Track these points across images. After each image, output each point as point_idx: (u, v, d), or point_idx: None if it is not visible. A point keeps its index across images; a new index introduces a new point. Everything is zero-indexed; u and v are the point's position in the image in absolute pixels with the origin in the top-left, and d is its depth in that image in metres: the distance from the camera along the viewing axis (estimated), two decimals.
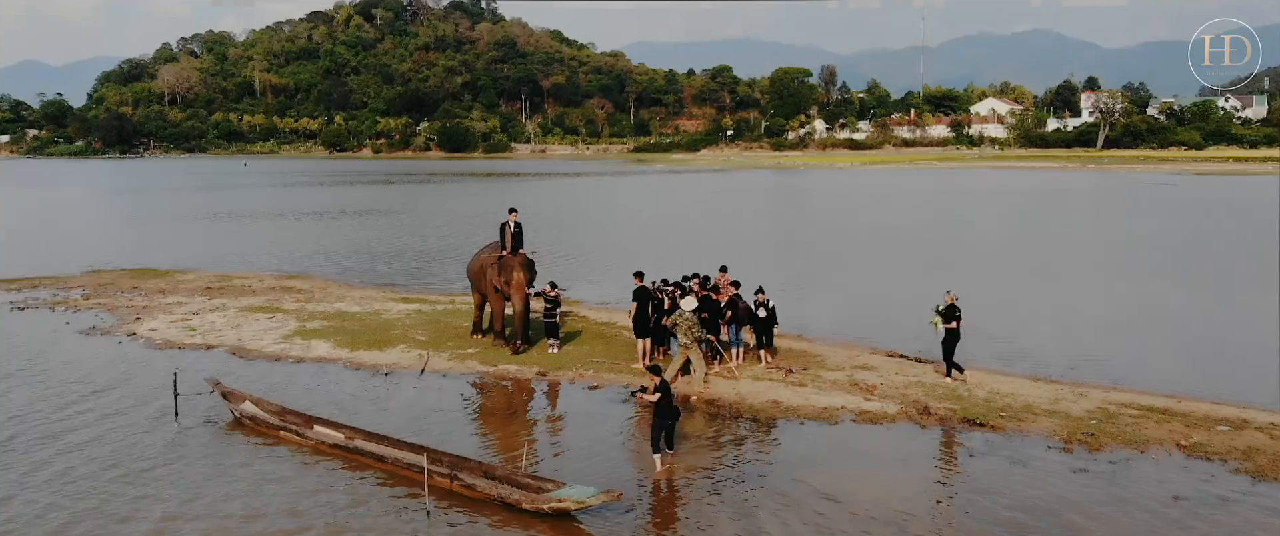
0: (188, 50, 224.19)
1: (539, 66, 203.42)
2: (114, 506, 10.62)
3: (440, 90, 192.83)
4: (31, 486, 11.20)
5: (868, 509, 10.71)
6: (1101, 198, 63.05)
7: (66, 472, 11.63)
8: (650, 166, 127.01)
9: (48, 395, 15.03)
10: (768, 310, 16.12)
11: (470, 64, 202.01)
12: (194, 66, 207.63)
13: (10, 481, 11.37)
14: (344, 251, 34.91)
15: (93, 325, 20.26)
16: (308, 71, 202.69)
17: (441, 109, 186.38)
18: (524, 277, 17.07)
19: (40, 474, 11.59)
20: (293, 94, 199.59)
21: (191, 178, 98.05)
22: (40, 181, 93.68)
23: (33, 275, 27.56)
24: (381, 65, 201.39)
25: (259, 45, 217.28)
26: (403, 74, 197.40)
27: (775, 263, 31.48)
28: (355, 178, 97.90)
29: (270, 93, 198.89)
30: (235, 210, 55.60)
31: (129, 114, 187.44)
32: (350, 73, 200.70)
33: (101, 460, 12.05)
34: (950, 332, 15.48)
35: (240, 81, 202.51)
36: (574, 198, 68.53)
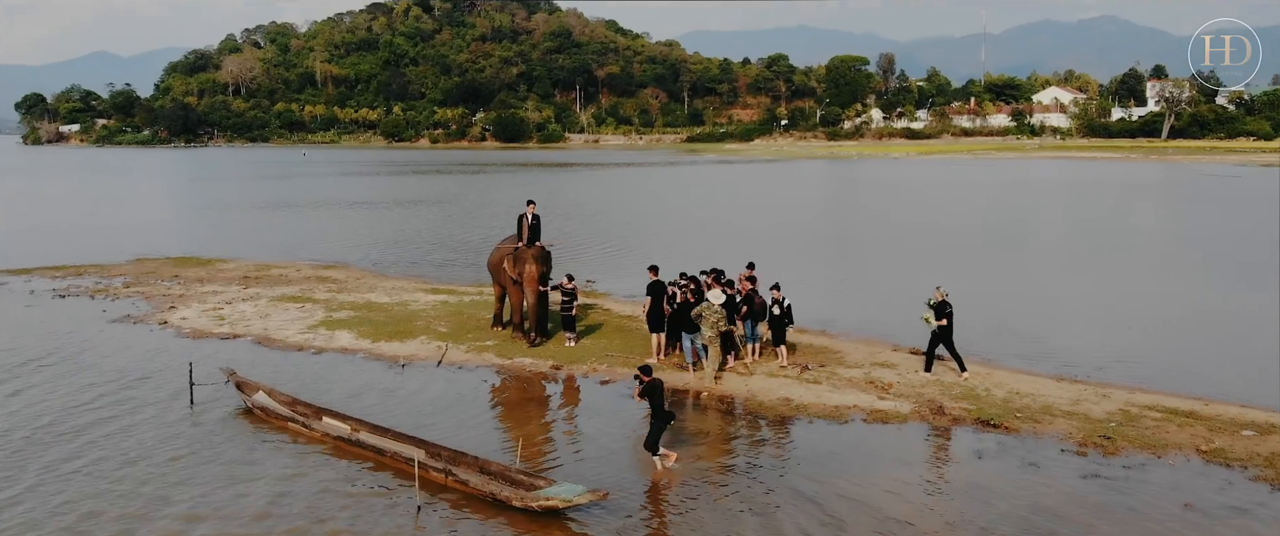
0: (251, 41, 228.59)
1: (594, 56, 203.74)
2: (113, 494, 10.82)
3: (496, 81, 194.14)
4: (33, 472, 11.46)
5: (861, 510, 10.50)
6: (1159, 190, 61.35)
7: (76, 459, 11.87)
8: (701, 156, 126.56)
9: (72, 383, 15.37)
10: (782, 308, 15.89)
11: (526, 54, 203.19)
12: (257, 57, 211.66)
13: (15, 466, 11.65)
14: (385, 241, 35.30)
15: (127, 313, 20.72)
16: (367, 62, 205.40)
17: (497, 99, 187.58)
18: (536, 270, 17.06)
19: (48, 459, 11.84)
20: (353, 85, 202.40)
21: (250, 167, 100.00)
22: (104, 169, 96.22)
23: (80, 263, 28.30)
24: (439, 56, 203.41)
25: (320, 36, 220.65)
26: (460, 65, 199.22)
27: (811, 255, 31.18)
28: (410, 168, 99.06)
29: (331, 83, 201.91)
30: (288, 200, 56.57)
31: (194, 104, 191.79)
32: (409, 63, 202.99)
33: (112, 447, 12.29)
34: (942, 328, 15.33)
35: (302, 72, 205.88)
36: (619, 188, 68.53)
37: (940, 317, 15.32)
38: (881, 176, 79.24)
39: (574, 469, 11.73)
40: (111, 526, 10.04)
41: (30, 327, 19.64)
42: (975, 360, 16.70)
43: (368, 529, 9.96)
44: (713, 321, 14.90)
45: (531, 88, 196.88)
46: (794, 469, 11.76)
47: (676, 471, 11.50)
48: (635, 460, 11.97)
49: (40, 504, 10.56)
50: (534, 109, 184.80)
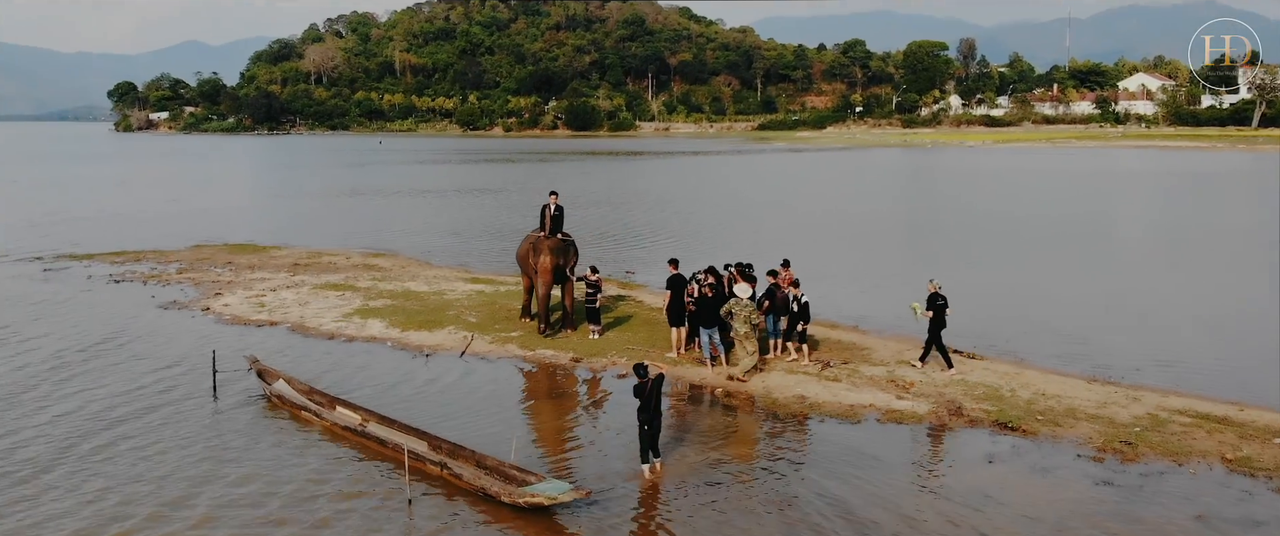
0: (333, 30, 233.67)
1: (666, 44, 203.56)
2: (118, 477, 11.15)
3: (569, 69, 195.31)
4: (37, 453, 11.87)
5: (851, 514, 10.28)
6: (1240, 181, 58.85)
7: (87, 441, 12.26)
8: (770, 145, 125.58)
9: (106, 368, 15.89)
10: (799, 305, 15.64)
11: (599, 42, 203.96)
12: (338, 46, 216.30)
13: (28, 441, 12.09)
14: (440, 230, 35.78)
15: (174, 299, 21.35)
16: (445, 52, 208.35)
17: (569, 88, 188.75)
18: (550, 261, 17.09)
19: (59, 442, 12.27)
20: (430, 74, 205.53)
21: (327, 155, 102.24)
22: (189, 156, 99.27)
23: (141, 248, 29.27)
24: (514, 45, 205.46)
25: (400, 26, 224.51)
26: (534, 53, 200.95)
27: (861, 248, 30.71)
28: (480, 156, 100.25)
29: (409, 72, 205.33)
30: (356, 187, 57.71)
31: (277, 92, 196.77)
32: (484, 53, 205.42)
33: (128, 430, 12.66)
34: (933, 321, 15.16)
35: (381, 61, 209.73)
36: (683, 177, 68.33)
37: (930, 309, 15.20)
38: (950, 165, 77.62)
39: (572, 464, 11.74)
40: (99, 509, 10.31)
41: (77, 311, 20.40)
42: (1007, 359, 16.33)
43: (357, 521, 10.06)
44: (745, 317, 14.71)
45: (604, 76, 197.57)
46: (794, 469, 11.58)
47: (668, 471, 11.37)
48: (635, 456, 11.85)
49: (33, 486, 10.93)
50: (605, 97, 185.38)
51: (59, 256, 27.90)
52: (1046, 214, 40.47)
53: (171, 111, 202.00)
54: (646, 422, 11.06)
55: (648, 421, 11.06)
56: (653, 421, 11.10)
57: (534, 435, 12.82)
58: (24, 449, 12.08)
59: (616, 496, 10.70)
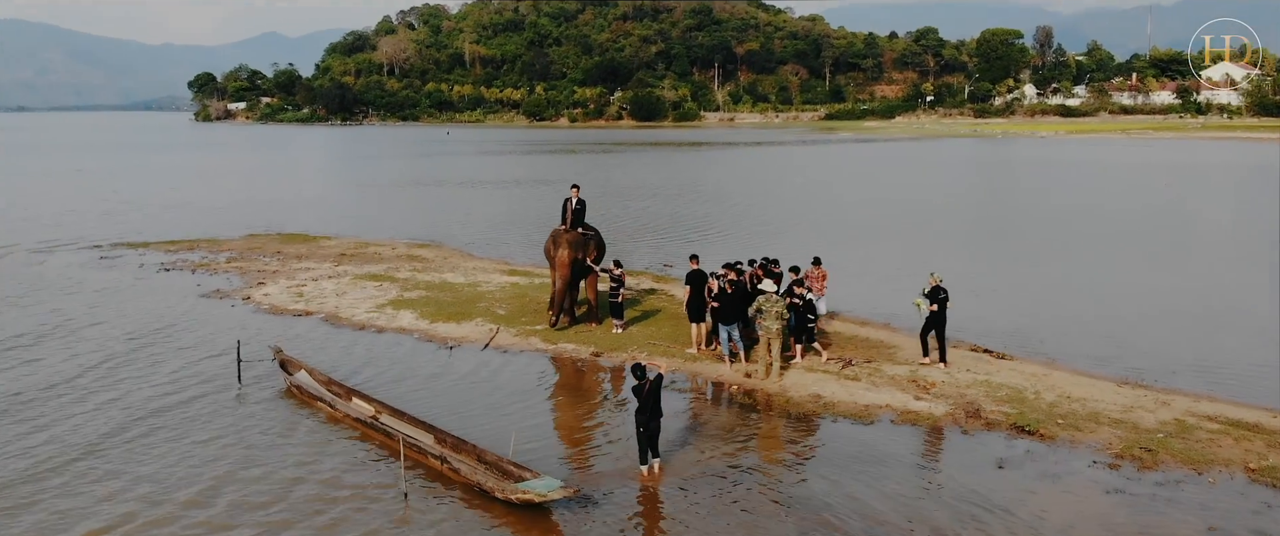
0: (406, 23, 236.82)
1: (733, 33, 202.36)
2: (123, 462, 11.47)
3: (635, 59, 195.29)
4: (46, 434, 12.25)
5: (843, 518, 10.11)
6: None
7: (97, 426, 12.64)
8: (836, 135, 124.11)
9: (140, 353, 16.38)
10: (803, 302, 15.37)
11: (666, 32, 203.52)
12: (410, 38, 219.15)
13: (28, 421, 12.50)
14: (489, 221, 36.12)
15: (218, 288, 21.90)
16: (513, 43, 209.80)
17: (635, 78, 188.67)
18: (567, 254, 17.12)
19: (72, 425, 12.65)
20: (499, 65, 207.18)
21: (395, 145, 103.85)
22: (261, 146, 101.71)
23: (197, 237, 30.11)
24: (581, 36, 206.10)
25: (470, 17, 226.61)
26: (601, 44, 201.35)
27: (906, 242, 30.18)
28: (544, 147, 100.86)
29: (479, 64, 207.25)
30: (419, 178, 58.53)
31: (351, 83, 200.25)
32: (552, 44, 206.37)
33: (147, 420, 13.00)
34: (933, 314, 15.01)
35: (452, 53, 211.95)
36: (742, 168, 67.89)
37: (933, 303, 15.03)
38: (1018, 156, 75.90)
39: (574, 460, 11.74)
40: (100, 491, 10.61)
41: (122, 299, 21.06)
42: (1038, 360, 15.93)
43: (349, 511, 10.18)
44: (776, 313, 14.50)
45: (669, 66, 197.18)
46: (796, 471, 11.45)
47: (670, 469, 11.32)
48: (632, 454, 11.78)
49: (45, 467, 11.28)
50: (670, 88, 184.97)
51: (117, 244, 28.81)
52: (1109, 207, 39.33)
53: (249, 102, 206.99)
54: (644, 424, 10.94)
55: (645, 422, 10.93)
56: (651, 422, 10.97)
57: (543, 430, 12.83)
58: (44, 433, 12.50)
59: (612, 495, 10.67)
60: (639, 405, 10.95)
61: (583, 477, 11.08)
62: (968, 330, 17.71)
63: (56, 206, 41.28)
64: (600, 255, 18.00)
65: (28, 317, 19.29)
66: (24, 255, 27.01)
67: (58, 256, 26.82)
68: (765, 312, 14.40)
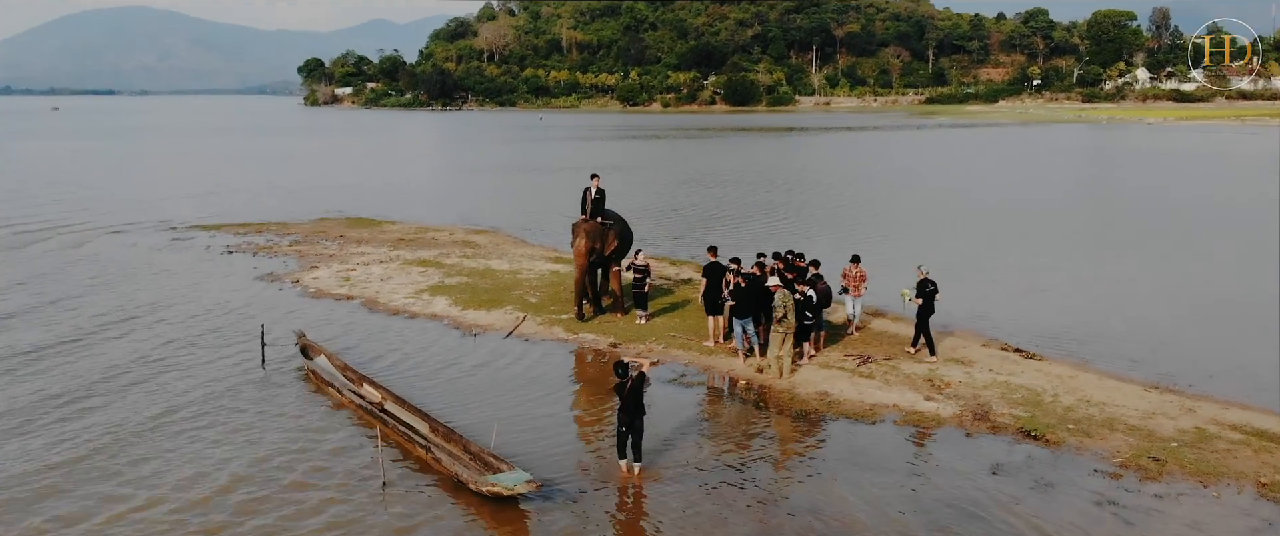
0: (506, 9, 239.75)
1: (833, 15, 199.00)
2: (128, 442, 11.96)
3: (730, 43, 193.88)
4: (57, 416, 12.84)
5: (816, 520, 9.92)
6: None
7: (113, 407, 13.20)
8: (933, 120, 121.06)
9: (178, 332, 17.06)
10: (804, 298, 15.02)
11: (763, 15, 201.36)
12: (510, 25, 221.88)
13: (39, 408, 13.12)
14: (553, 207, 36.31)
15: (272, 271, 22.63)
16: (610, 28, 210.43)
17: (729, 62, 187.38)
18: (584, 244, 17.12)
19: (80, 409, 13.24)
20: (595, 50, 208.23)
21: (489, 131, 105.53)
22: (354, 131, 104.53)
23: (267, 220, 31.18)
24: (677, 20, 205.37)
25: (568, 3, 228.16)
26: (696, 28, 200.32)
27: (973, 236, 29.37)
28: (632, 132, 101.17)
29: (575, 49, 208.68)
30: (502, 164, 59.46)
31: (452, 69, 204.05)
32: (648, 29, 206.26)
33: (164, 400, 13.53)
34: (922, 307, 15.06)
35: (550, 39, 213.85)
36: (825, 155, 66.96)
37: (920, 295, 15.09)
38: (1120, 144, 72.86)
39: (557, 453, 11.67)
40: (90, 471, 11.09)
41: (176, 279, 22.03)
42: (1069, 360, 15.39)
43: (328, 499, 10.31)
44: (792, 308, 14.24)
45: (766, 49, 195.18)
46: (781, 470, 11.27)
47: (654, 463, 11.26)
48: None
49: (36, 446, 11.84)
50: (765, 71, 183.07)
51: (193, 226, 30.06)
52: (1202, 198, 37.45)
53: (354, 87, 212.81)
54: (626, 423, 10.84)
55: (627, 421, 10.83)
56: (634, 421, 10.85)
57: (538, 421, 12.83)
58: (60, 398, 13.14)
59: (587, 490, 10.62)
60: (620, 404, 10.87)
61: (564, 471, 11.09)
62: (1007, 329, 17.26)
63: (152, 189, 43.31)
64: (623, 245, 17.92)
65: (78, 295, 20.33)
66: (104, 236, 28.39)
67: (133, 237, 28.11)
68: (786, 310, 14.14)
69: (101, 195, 40.35)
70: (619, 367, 10.94)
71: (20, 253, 25.80)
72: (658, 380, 14.64)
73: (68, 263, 24.31)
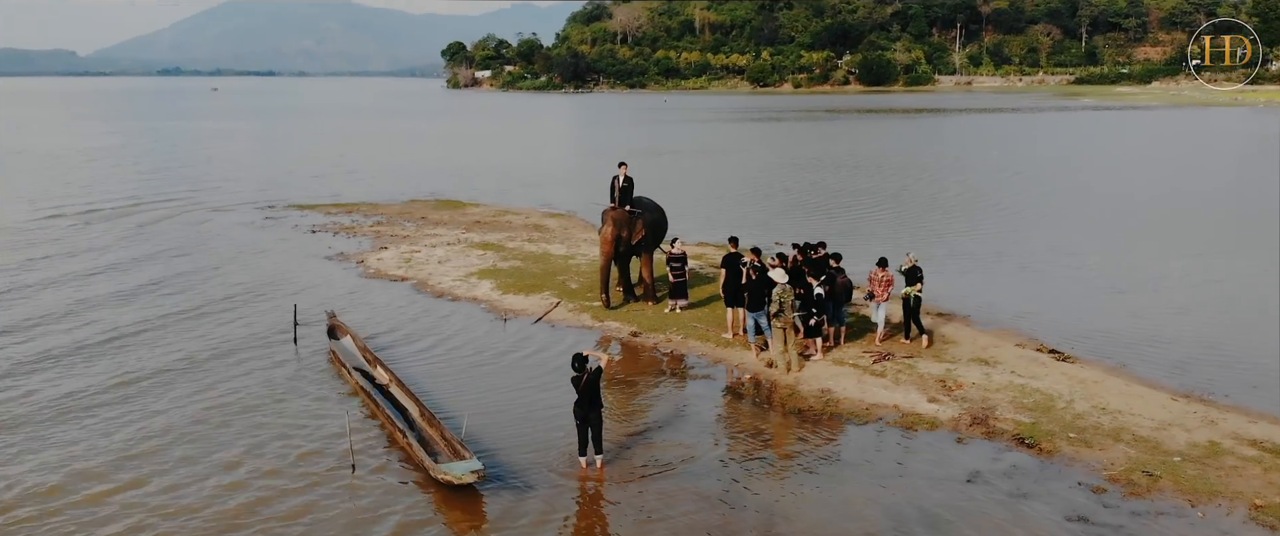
0: None
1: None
2: (133, 418, 12.73)
3: (867, 21, 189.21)
4: (76, 387, 13.72)
5: (762, 521, 9.78)
6: None
7: (135, 379, 14.03)
8: (1077, 101, 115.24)
9: (230, 307, 18.10)
10: (804, 293, 14.62)
11: None
12: (644, 7, 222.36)
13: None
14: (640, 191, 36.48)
15: (343, 251, 23.56)
16: (743, 8, 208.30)
17: (866, 41, 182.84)
18: (611, 232, 17.16)
19: (101, 380, 14.13)
20: (728, 31, 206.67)
21: (612, 113, 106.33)
22: (483, 113, 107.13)
23: (358, 201, 32.44)
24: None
25: None
26: (833, 6, 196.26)
27: (1071, 232, 28.05)
28: (752, 114, 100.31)
29: (708, 30, 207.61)
30: (608, 146, 59.80)
31: (586, 52, 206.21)
32: (783, 8, 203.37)
33: (186, 370, 14.37)
34: (909, 295, 15.00)
35: (682, 20, 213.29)
36: (948, 138, 64.79)
37: (910, 283, 15.05)
38: (1272, 130, 67.63)
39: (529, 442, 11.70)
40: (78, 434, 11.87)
41: (247, 256, 23.25)
42: (1105, 364, 14.61)
43: (297, 481, 10.62)
44: (790, 304, 14.05)
45: (905, 27, 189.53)
46: (749, 468, 11.07)
47: (621, 455, 11.28)
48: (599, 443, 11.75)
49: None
50: (903, 50, 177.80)
51: (289, 205, 31.56)
52: None
53: (493, 70, 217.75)
54: (582, 416, 10.80)
55: (583, 414, 10.79)
56: (591, 414, 10.81)
57: (532, 408, 12.92)
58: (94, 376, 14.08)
59: (545, 481, 10.66)
60: (577, 397, 10.83)
61: (535, 461, 11.14)
62: (1057, 329, 16.49)
63: (273, 167, 45.63)
64: (652, 234, 17.85)
65: (155, 268, 21.82)
66: (205, 213, 30.17)
67: (228, 215, 29.73)
68: (784, 303, 13.91)
69: (224, 174, 42.73)
70: (576, 360, 10.89)
71: (113, 224, 27.66)
72: (660, 371, 14.67)
73: (153, 236, 26.03)
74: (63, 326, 16.87)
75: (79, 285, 20.20)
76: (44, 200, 32.80)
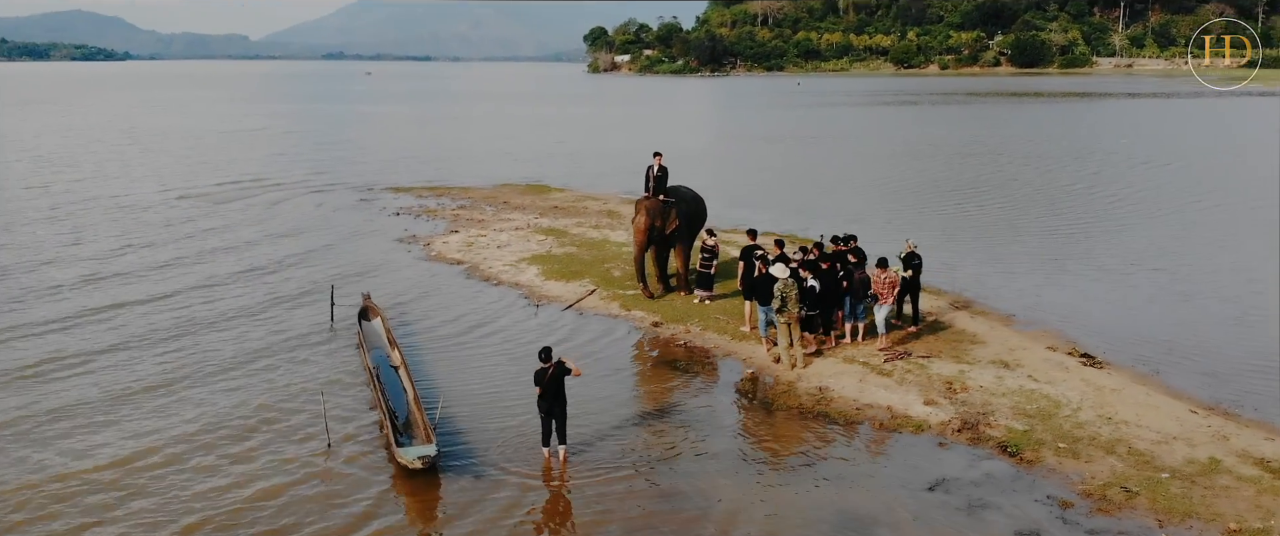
0: None
1: None
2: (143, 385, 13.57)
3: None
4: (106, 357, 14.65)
5: (701, 517, 9.72)
6: None
7: (162, 351, 14.92)
8: (1241, 87, 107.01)
9: (281, 282, 19.10)
10: (803, 288, 14.18)
11: None
12: None
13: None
14: (736, 180, 36.31)
15: (415, 234, 24.30)
16: None
17: (1020, 20, 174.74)
18: (645, 222, 17.13)
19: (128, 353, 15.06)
20: (872, 11, 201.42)
21: (742, 97, 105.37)
22: (613, 98, 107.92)
23: (451, 185, 33.44)
24: None
25: None
26: None
27: (1166, 229, 26.43)
28: (888, 97, 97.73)
29: (852, 10, 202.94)
30: (724, 131, 59.57)
31: (724, 35, 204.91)
32: None
33: (209, 344, 15.22)
34: (907, 281, 15.01)
35: (825, 0, 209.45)
36: (1078, 124, 61.51)
37: (907, 269, 15.07)
38: None
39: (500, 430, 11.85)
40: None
41: (318, 234, 24.43)
42: (1132, 371, 13.81)
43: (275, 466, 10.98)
44: (795, 297, 13.83)
45: (1063, 6, 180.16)
46: (712, 466, 10.97)
47: (584, 451, 11.24)
48: (569, 435, 11.85)
49: None
50: (1059, 30, 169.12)
51: (386, 188, 32.78)
52: None
53: (632, 54, 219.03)
54: (545, 410, 10.85)
55: (546, 408, 10.84)
56: (553, 409, 10.84)
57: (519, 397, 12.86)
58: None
59: (506, 470, 10.79)
60: (540, 391, 10.83)
61: (507, 449, 11.31)
62: (1103, 333, 15.61)
63: (392, 150, 47.36)
64: (687, 224, 17.73)
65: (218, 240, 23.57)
66: (305, 194, 31.64)
67: (328, 197, 31.04)
68: (787, 298, 13.65)
69: (349, 156, 44.58)
70: (542, 353, 10.92)
71: (222, 206, 29.21)
72: (669, 363, 14.66)
73: (245, 216, 27.37)
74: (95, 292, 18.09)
75: (141, 258, 21.62)
76: (173, 180, 35.03)
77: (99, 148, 47.44)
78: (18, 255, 21.80)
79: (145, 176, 36.04)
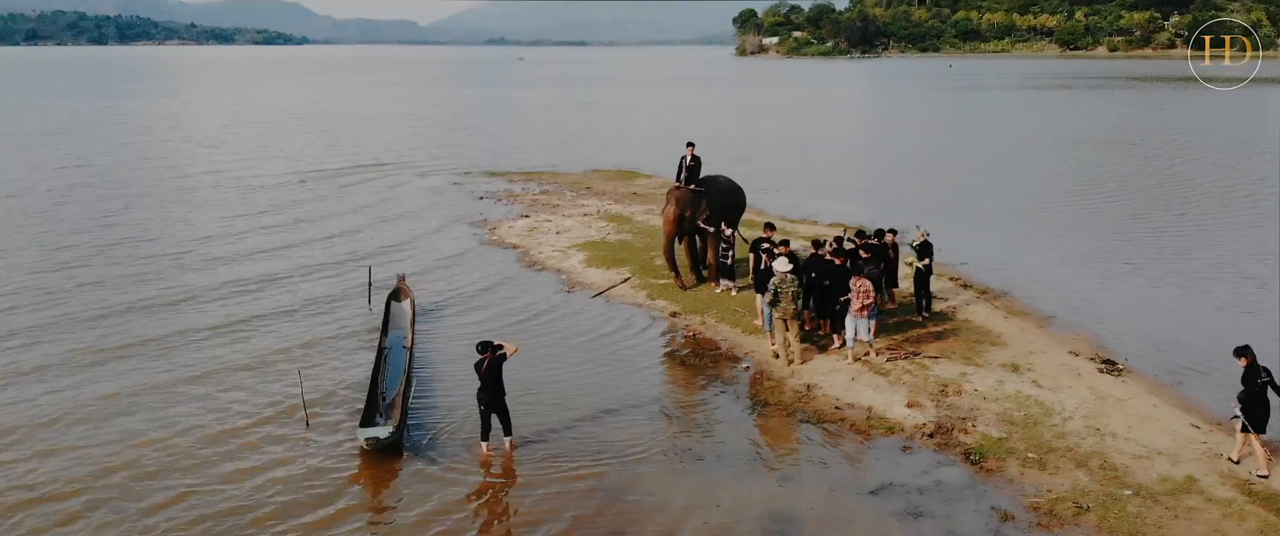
0: None
1: None
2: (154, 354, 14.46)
3: None
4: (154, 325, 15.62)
5: (632, 511, 9.74)
6: None
7: (195, 322, 15.78)
8: None
9: (337, 262, 19.99)
10: (802, 285, 13.74)
11: None
12: None
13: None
14: (826, 172, 35.60)
15: (486, 218, 24.88)
16: None
17: (1198, 0, 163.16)
18: (674, 211, 17.05)
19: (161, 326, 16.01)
20: None
21: (887, 79, 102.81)
22: (750, 81, 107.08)
23: (545, 169, 34.13)
24: None
25: None
26: None
27: None
28: (1038, 81, 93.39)
29: None
30: (857, 116, 58.27)
31: (878, 16, 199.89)
32: None
33: (243, 316, 16.06)
34: (920, 270, 14.99)
35: None
36: (1250, 113, 57.13)
37: (922, 258, 14.96)
38: None
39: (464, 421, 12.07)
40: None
41: (393, 220, 25.09)
42: (1151, 380, 12.93)
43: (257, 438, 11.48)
44: (793, 294, 13.59)
45: None
46: (661, 463, 10.87)
47: (507, 453, 11.09)
48: (523, 422, 11.98)
49: None
50: (1242, 11, 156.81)
51: (482, 172, 33.68)
52: None
53: (781, 36, 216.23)
54: (484, 402, 10.88)
55: (485, 402, 10.87)
56: (493, 401, 10.87)
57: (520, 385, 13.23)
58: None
59: (456, 458, 10.95)
60: (480, 382, 10.89)
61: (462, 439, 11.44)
62: (1133, 341, 14.67)
63: (513, 136, 48.31)
64: (723, 214, 17.45)
65: (306, 220, 24.69)
66: (411, 176, 32.82)
67: (428, 180, 31.98)
68: (781, 293, 13.42)
69: (470, 140, 45.97)
70: (481, 345, 10.99)
71: (320, 184, 30.66)
72: (672, 355, 14.63)
73: (340, 196, 28.57)
74: None
75: (216, 237, 22.77)
76: (299, 159, 36.97)
77: (247, 128, 50.58)
78: (130, 231, 23.44)
79: (278, 157, 38.04)
